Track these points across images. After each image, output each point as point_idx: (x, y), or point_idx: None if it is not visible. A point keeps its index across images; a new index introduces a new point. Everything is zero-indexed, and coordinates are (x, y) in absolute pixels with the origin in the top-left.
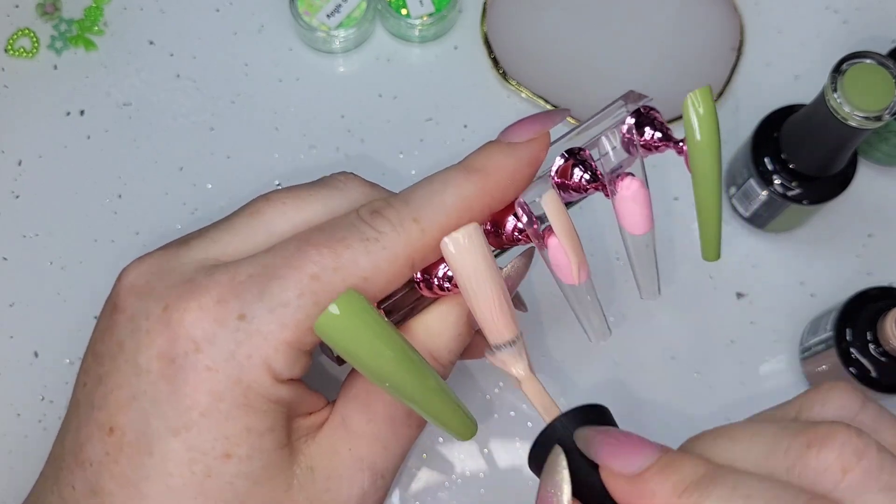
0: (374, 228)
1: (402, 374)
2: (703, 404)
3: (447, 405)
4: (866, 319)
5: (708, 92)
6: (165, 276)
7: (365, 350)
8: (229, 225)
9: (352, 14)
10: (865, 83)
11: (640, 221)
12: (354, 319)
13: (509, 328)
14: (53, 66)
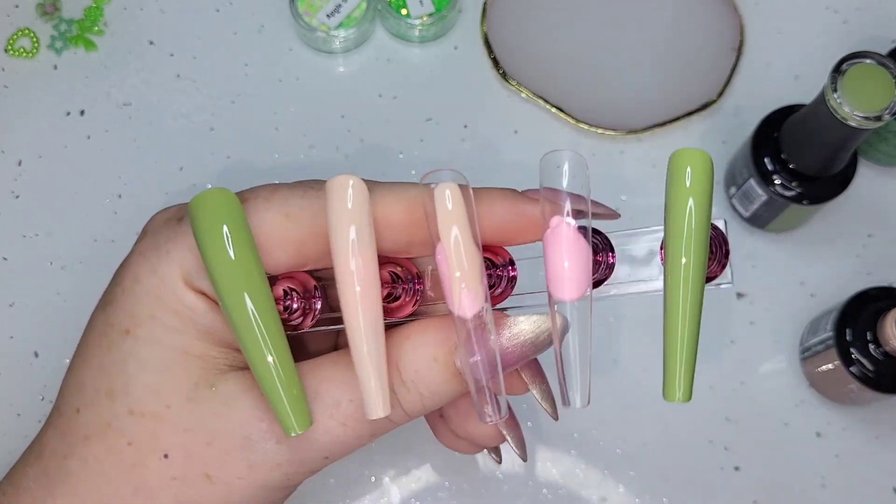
0: (326, 184)
1: (235, 295)
2: (703, 404)
3: (275, 368)
4: (866, 319)
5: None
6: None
7: (212, 247)
8: None
9: (352, 14)
10: (865, 83)
11: (567, 278)
12: (219, 211)
13: (361, 322)
14: (53, 66)
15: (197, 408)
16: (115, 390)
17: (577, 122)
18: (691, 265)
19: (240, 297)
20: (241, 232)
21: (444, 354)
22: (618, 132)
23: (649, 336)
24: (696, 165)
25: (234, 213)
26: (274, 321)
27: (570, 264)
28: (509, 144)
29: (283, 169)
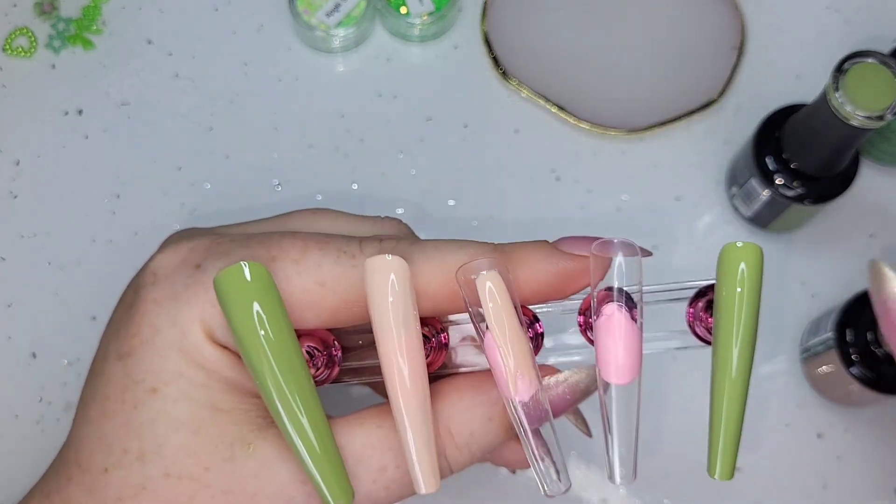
0: (360, 248)
1: (270, 372)
2: (703, 405)
3: (318, 447)
4: (867, 320)
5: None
6: (183, 235)
7: (243, 325)
8: (258, 221)
9: (351, 13)
10: (867, 83)
11: (620, 364)
12: (249, 287)
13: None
14: (51, 66)
15: (236, 469)
16: (146, 452)
17: (578, 121)
18: (742, 357)
19: (275, 378)
20: (276, 311)
21: (498, 413)
22: (619, 131)
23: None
24: (749, 261)
25: (266, 291)
26: (312, 396)
27: (624, 353)
28: (509, 144)
29: (282, 168)
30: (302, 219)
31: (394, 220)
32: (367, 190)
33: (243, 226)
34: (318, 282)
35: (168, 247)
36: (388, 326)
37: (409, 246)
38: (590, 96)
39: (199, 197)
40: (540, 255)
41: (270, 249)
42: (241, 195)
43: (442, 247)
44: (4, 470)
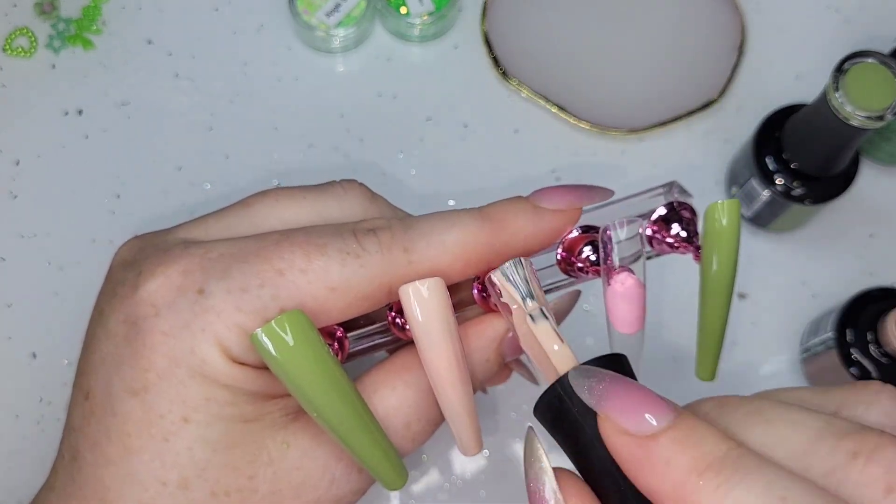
0: (359, 244)
1: (332, 408)
2: None
3: (377, 450)
4: (867, 320)
5: (736, 206)
6: (148, 249)
7: (298, 375)
8: (219, 213)
9: (351, 13)
10: (867, 83)
11: (630, 320)
12: (293, 340)
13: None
14: (51, 66)
15: (279, 469)
16: (189, 479)
17: (578, 121)
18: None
19: (334, 409)
20: (317, 348)
21: (494, 354)
22: (619, 131)
23: (644, 342)
24: (728, 204)
25: (309, 338)
26: (364, 408)
27: (639, 311)
28: (509, 144)
29: (282, 168)
30: (265, 207)
31: (354, 184)
32: None
33: (203, 223)
34: (328, 287)
35: (152, 271)
36: (438, 345)
37: (404, 233)
38: (590, 96)
39: (199, 197)
40: (524, 217)
41: (273, 262)
42: (241, 195)
43: (435, 226)
44: (5, 470)
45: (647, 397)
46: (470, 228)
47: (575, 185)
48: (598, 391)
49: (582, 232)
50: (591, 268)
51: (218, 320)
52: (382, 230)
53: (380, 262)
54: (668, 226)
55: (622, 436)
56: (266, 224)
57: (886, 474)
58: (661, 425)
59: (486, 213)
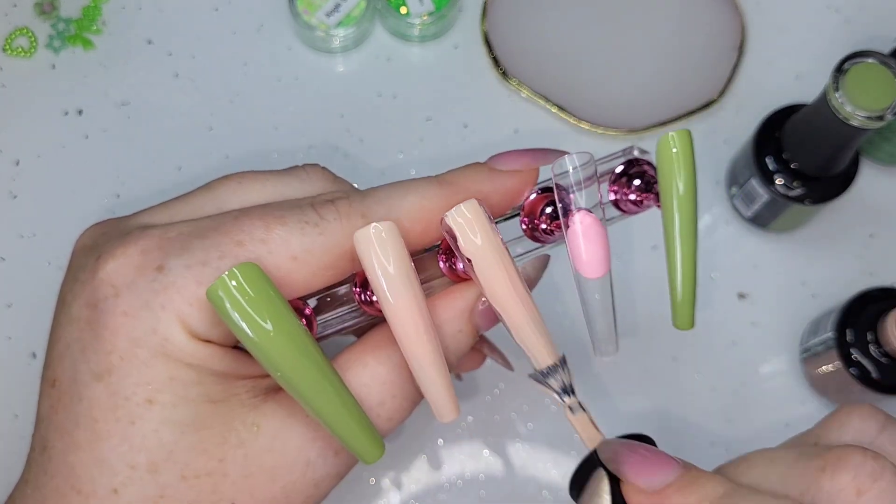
0: (318, 214)
1: (295, 370)
2: (704, 405)
3: (349, 418)
4: (867, 320)
5: (687, 135)
6: (109, 234)
7: (254, 327)
8: (182, 197)
9: (351, 13)
10: (867, 83)
11: (593, 262)
12: (247, 291)
13: (426, 347)
14: (51, 66)
15: (249, 452)
16: (157, 462)
17: (578, 121)
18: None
19: (297, 370)
20: (277, 304)
21: (466, 325)
22: (619, 131)
23: (644, 341)
24: (678, 133)
25: (264, 288)
26: (329, 368)
27: (602, 251)
28: (509, 144)
29: (281, 168)
30: (229, 190)
31: (316, 167)
32: None
33: (166, 208)
34: (290, 257)
35: (111, 253)
36: (399, 292)
37: (362, 201)
38: (590, 96)
39: None
40: (481, 179)
41: (232, 234)
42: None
43: (392, 194)
44: (4, 470)
45: (657, 458)
46: (426, 193)
47: (530, 148)
48: (618, 460)
49: (541, 193)
50: (554, 223)
51: (178, 296)
52: (340, 200)
53: (339, 228)
54: (629, 182)
55: (640, 494)
56: (228, 206)
57: (854, 479)
58: (670, 478)
59: (442, 178)
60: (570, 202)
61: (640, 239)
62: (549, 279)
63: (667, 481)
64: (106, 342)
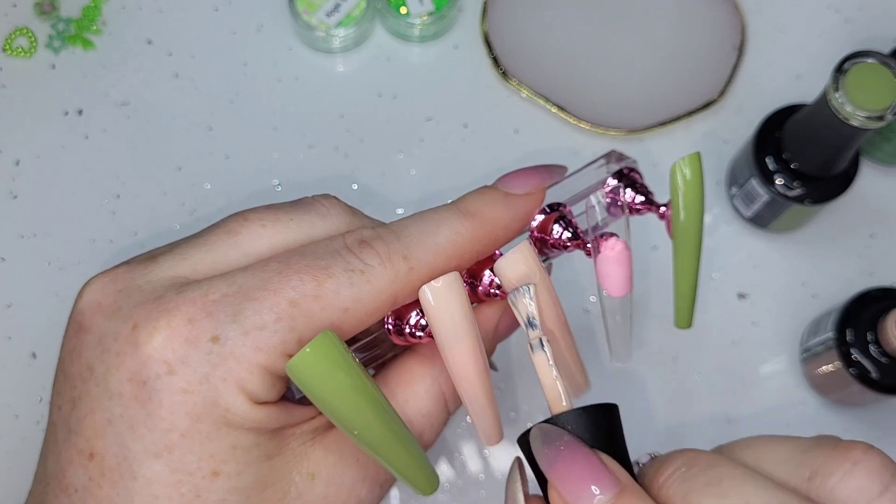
0: (360, 260)
1: (371, 426)
2: (704, 405)
3: (414, 461)
4: (867, 320)
5: (696, 159)
6: (133, 294)
7: (336, 397)
8: (202, 242)
9: (351, 13)
10: (867, 83)
11: (621, 283)
12: (328, 363)
13: (482, 382)
14: (51, 66)
15: (309, 501)
16: None
17: (578, 121)
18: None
19: (370, 422)
20: (353, 371)
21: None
22: (619, 131)
23: (645, 341)
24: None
25: (342, 359)
26: (395, 415)
27: (628, 274)
28: (509, 144)
29: (282, 168)
30: (252, 234)
31: (331, 199)
32: (367, 190)
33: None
34: (342, 309)
35: (153, 325)
36: (464, 338)
37: (398, 241)
38: (590, 96)
39: (199, 197)
40: (500, 207)
41: (283, 293)
42: (241, 195)
43: (424, 230)
44: (4, 470)
45: (595, 469)
46: (456, 227)
47: (535, 167)
48: (549, 457)
49: (549, 211)
50: (572, 242)
51: (238, 366)
52: (374, 241)
53: (383, 273)
54: (624, 192)
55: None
56: (256, 251)
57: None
58: (601, 502)
59: (463, 209)
60: (598, 223)
61: (641, 240)
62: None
63: (599, 502)
64: (163, 421)
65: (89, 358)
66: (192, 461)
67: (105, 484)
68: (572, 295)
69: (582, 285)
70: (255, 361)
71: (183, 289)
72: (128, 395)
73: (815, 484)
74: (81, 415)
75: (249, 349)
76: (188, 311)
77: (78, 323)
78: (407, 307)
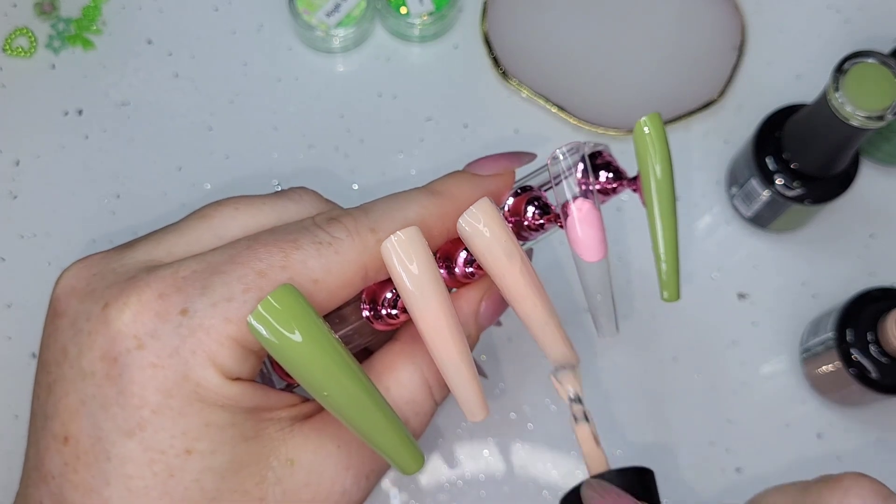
0: (328, 233)
1: (342, 386)
2: (704, 405)
3: (393, 433)
4: (867, 320)
5: (657, 117)
6: (107, 276)
7: (298, 350)
8: (176, 228)
9: (351, 13)
10: (867, 83)
11: (593, 245)
12: (289, 314)
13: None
14: (51, 66)
15: (288, 487)
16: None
17: (578, 121)
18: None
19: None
20: (316, 324)
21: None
22: (619, 131)
23: (644, 341)
24: (649, 117)
25: (304, 311)
26: (370, 383)
27: (600, 235)
28: (509, 144)
29: (282, 168)
30: (226, 216)
31: (307, 190)
32: (367, 190)
33: (160, 240)
34: (311, 280)
35: (123, 301)
36: (432, 294)
37: (366, 216)
38: (590, 96)
39: (199, 197)
40: (466, 186)
41: (251, 265)
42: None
43: (393, 206)
44: (4, 470)
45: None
46: (424, 203)
47: (504, 153)
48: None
49: (519, 193)
50: (546, 217)
51: (208, 338)
52: (344, 217)
53: (352, 245)
54: (596, 175)
55: None
56: (229, 234)
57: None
58: None
59: (432, 188)
60: (564, 192)
61: (639, 238)
62: (559, 268)
63: None
64: (134, 397)
65: (63, 340)
66: (165, 438)
67: (80, 468)
68: (568, 294)
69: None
70: (225, 333)
71: (154, 269)
72: (100, 373)
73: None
74: (56, 399)
75: (218, 320)
76: (158, 287)
77: (53, 309)
78: (381, 288)
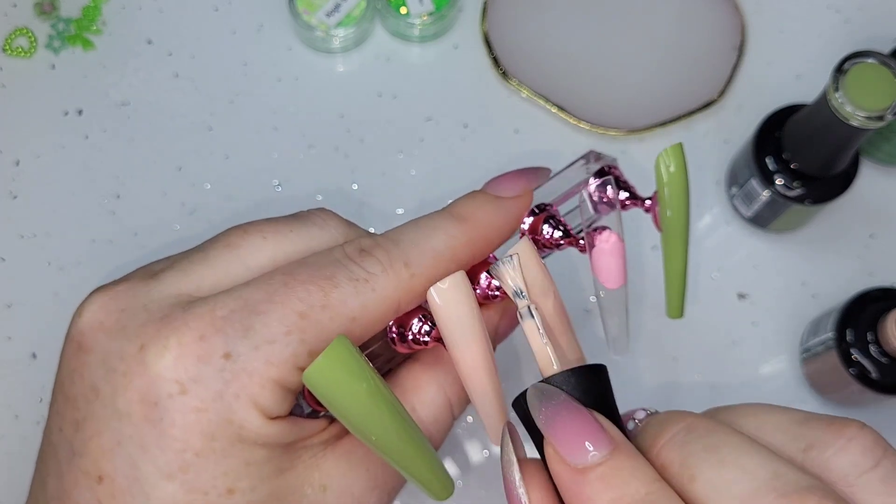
0: (363, 268)
1: (389, 432)
2: (704, 405)
3: (430, 467)
4: (867, 320)
5: (679, 150)
6: (138, 313)
7: (354, 403)
8: (202, 257)
9: (351, 13)
10: (867, 83)
11: (617, 275)
12: (345, 369)
13: (492, 380)
14: (51, 66)
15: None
16: None
17: (578, 121)
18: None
19: (388, 428)
20: (368, 376)
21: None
22: (619, 131)
23: (645, 342)
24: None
25: (358, 366)
26: (411, 420)
27: (622, 265)
28: (509, 144)
29: (282, 168)
30: (254, 247)
31: (328, 213)
32: (367, 190)
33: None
34: (349, 318)
35: (162, 343)
36: (474, 339)
37: (396, 247)
38: (590, 96)
39: (199, 197)
40: (490, 210)
41: (290, 305)
42: (241, 195)
43: (420, 236)
44: (4, 470)
45: (590, 427)
46: (451, 232)
47: (520, 170)
48: (546, 415)
49: (538, 212)
50: (564, 240)
51: (251, 381)
52: (374, 248)
53: (387, 281)
54: (606, 191)
55: (560, 463)
56: (258, 264)
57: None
58: (595, 459)
59: (456, 214)
60: (592, 220)
61: (641, 240)
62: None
63: (592, 461)
64: (176, 441)
65: (93, 379)
66: (207, 480)
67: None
68: (572, 294)
69: (581, 285)
70: (268, 376)
71: (189, 306)
72: (137, 415)
73: (811, 455)
74: (87, 436)
75: (261, 364)
76: (198, 328)
77: (77, 343)
78: (408, 315)
